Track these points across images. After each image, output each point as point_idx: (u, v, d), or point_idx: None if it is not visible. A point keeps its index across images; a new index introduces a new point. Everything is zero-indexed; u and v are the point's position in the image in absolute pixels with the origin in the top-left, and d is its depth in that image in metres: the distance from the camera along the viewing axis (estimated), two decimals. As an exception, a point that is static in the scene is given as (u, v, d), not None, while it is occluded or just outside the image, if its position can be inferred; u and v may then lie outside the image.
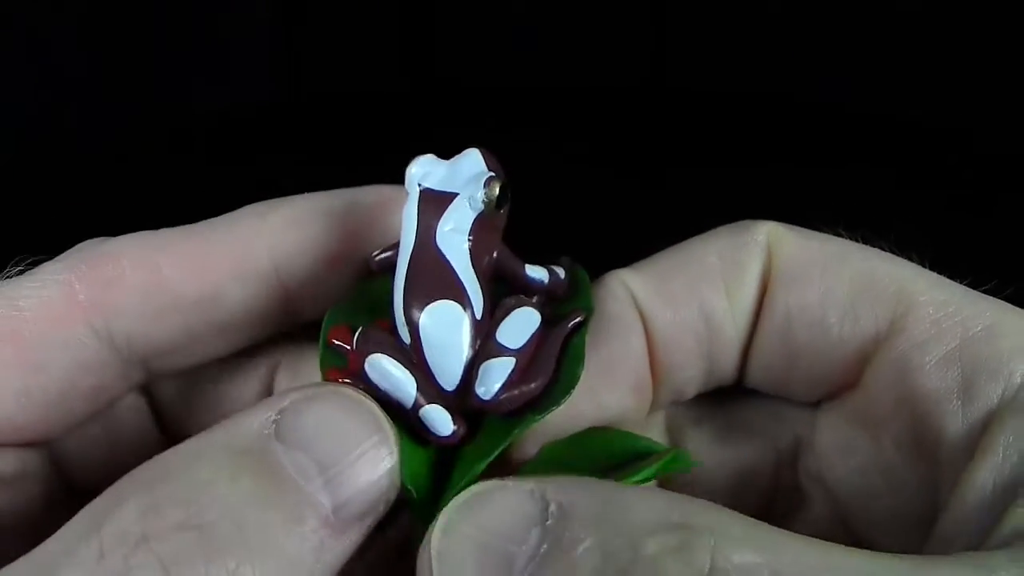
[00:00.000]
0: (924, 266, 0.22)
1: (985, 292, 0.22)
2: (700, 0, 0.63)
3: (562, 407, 0.20)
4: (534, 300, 0.22)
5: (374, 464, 0.18)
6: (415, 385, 0.20)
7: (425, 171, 0.21)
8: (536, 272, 0.22)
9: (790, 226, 0.23)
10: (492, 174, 0.21)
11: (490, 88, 0.63)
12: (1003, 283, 0.23)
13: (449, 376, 0.20)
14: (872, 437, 0.21)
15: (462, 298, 0.21)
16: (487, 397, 0.20)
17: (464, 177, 0.21)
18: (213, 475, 0.17)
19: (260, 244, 0.22)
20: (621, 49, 0.65)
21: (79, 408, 0.22)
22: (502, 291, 0.22)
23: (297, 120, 0.64)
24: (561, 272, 0.22)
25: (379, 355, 0.20)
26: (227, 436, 0.18)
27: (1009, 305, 0.21)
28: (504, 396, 0.20)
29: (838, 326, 0.21)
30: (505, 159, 0.23)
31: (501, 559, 0.16)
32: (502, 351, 0.20)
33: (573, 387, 0.20)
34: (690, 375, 0.23)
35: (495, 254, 0.22)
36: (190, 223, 0.25)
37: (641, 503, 0.16)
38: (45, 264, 0.22)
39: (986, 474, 0.18)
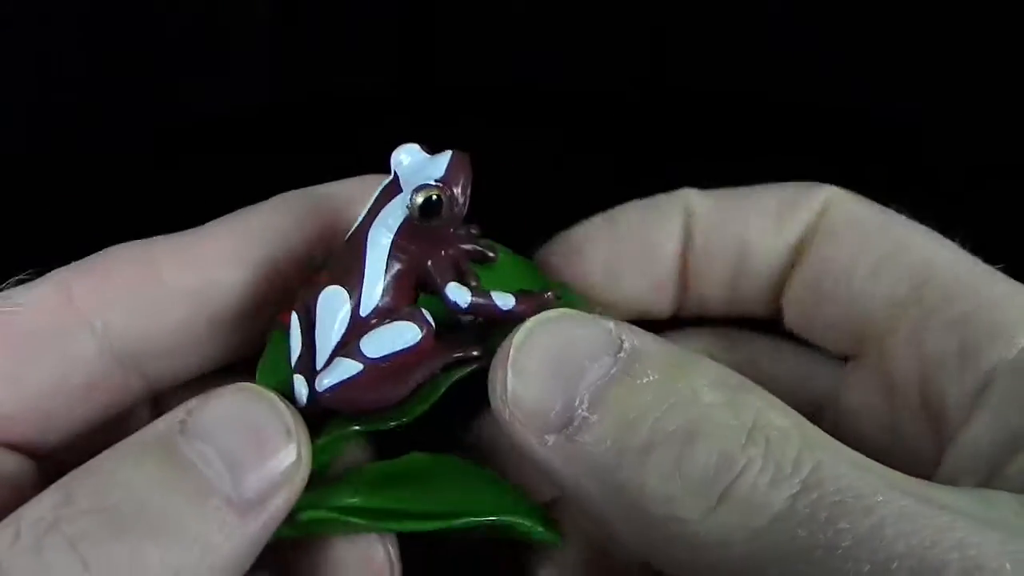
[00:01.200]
0: (963, 247, 0.23)
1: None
2: (700, 1, 0.63)
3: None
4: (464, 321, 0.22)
5: (275, 450, 0.19)
6: (298, 352, 0.21)
7: (406, 159, 0.22)
8: (457, 294, 0.21)
9: (851, 193, 0.24)
10: (429, 183, 0.20)
11: (490, 88, 0.63)
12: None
13: (320, 355, 0.21)
14: (887, 399, 0.22)
15: (354, 289, 0.21)
16: (318, 388, 0.21)
17: (420, 177, 0.21)
18: (119, 464, 0.19)
19: (252, 237, 0.23)
20: (621, 49, 0.65)
21: (73, 408, 0.23)
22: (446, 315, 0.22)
23: (297, 120, 0.64)
24: (504, 301, 0.21)
25: (295, 314, 0.22)
26: (139, 435, 0.19)
27: (1022, 284, 0.22)
28: (332, 395, 0.21)
29: (860, 283, 0.23)
30: (505, 159, 0.23)
31: (574, 369, 0.18)
32: (356, 355, 0.21)
33: (411, 417, 0.21)
34: (715, 293, 0.25)
35: (429, 262, 0.21)
36: (189, 222, 0.25)
37: (706, 363, 0.18)
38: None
39: (984, 427, 0.19)
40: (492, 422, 0.22)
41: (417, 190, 0.21)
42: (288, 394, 0.21)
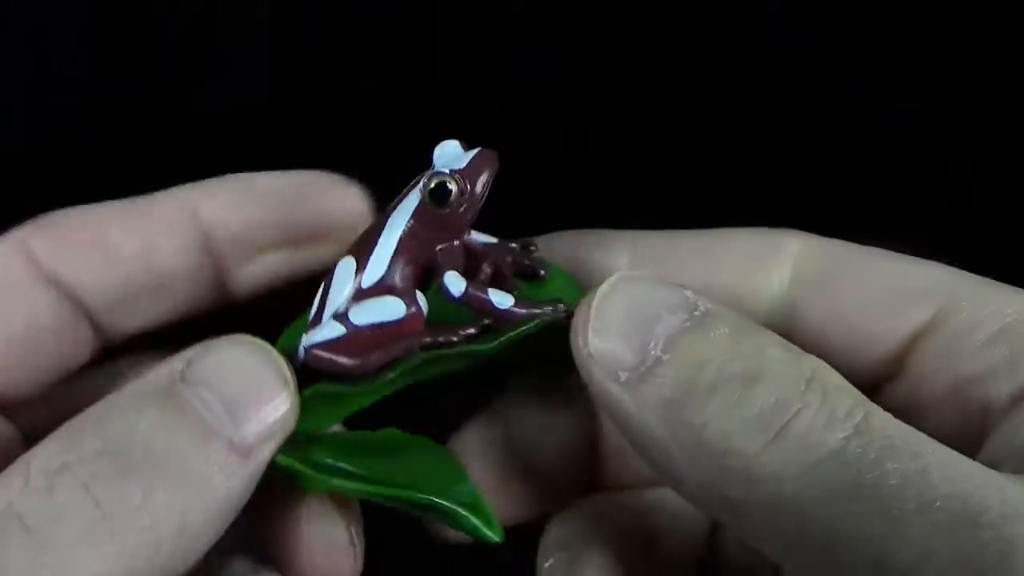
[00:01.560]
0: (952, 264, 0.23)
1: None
2: (700, 1, 0.63)
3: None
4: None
5: (272, 397, 0.20)
6: (312, 316, 0.23)
7: (442, 153, 0.23)
8: (452, 282, 0.22)
9: (815, 236, 0.24)
10: (443, 172, 0.21)
11: (490, 88, 0.63)
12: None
13: (325, 318, 0.22)
14: (920, 421, 0.22)
15: (363, 263, 0.22)
16: (303, 344, 0.22)
17: (441, 166, 0.22)
18: (124, 411, 0.19)
19: (194, 209, 0.24)
20: (621, 49, 0.65)
21: (36, 358, 0.23)
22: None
23: (297, 120, 0.64)
24: (501, 299, 0.22)
25: (330, 275, 0.23)
26: (138, 383, 0.20)
27: None
28: (313, 352, 0.22)
29: (875, 325, 0.23)
30: (505, 159, 0.23)
31: (650, 315, 0.19)
32: (343, 319, 0.22)
33: (376, 386, 0.22)
34: None
35: (437, 249, 0.22)
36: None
37: (773, 333, 0.20)
38: None
39: (1017, 425, 0.20)
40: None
41: (431, 176, 0.22)
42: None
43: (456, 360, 0.22)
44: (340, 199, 0.24)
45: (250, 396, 0.20)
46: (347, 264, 0.22)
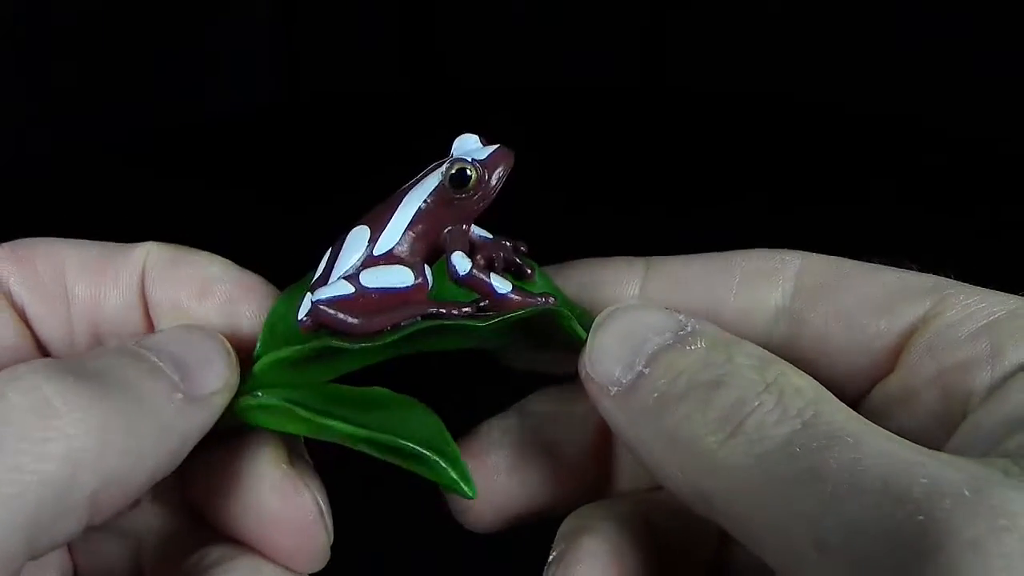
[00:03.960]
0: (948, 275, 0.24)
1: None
2: (700, 1, 0.63)
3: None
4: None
5: (215, 361, 0.23)
6: (317, 277, 0.24)
7: (461, 144, 0.24)
8: (459, 261, 0.24)
9: (815, 254, 0.25)
10: (466, 159, 0.23)
11: (489, 88, 0.63)
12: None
13: (333, 279, 0.24)
14: (907, 409, 0.24)
15: (376, 232, 0.24)
16: (311, 297, 0.23)
17: (465, 155, 0.24)
18: (82, 357, 0.22)
19: (139, 269, 0.25)
20: (621, 49, 0.65)
21: None
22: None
23: (296, 120, 0.64)
24: (501, 284, 0.23)
25: (342, 237, 0.24)
26: (97, 349, 0.23)
27: None
28: (320, 308, 0.23)
29: (874, 323, 0.24)
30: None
31: (638, 339, 0.22)
32: (353, 280, 0.23)
33: (375, 343, 0.23)
34: None
35: (446, 230, 0.24)
36: (189, 222, 0.25)
37: (750, 344, 0.22)
38: None
39: (988, 411, 0.21)
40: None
41: (453, 161, 0.23)
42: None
43: (451, 335, 0.24)
44: (257, 309, 0.25)
45: (195, 359, 0.22)
46: (360, 232, 0.24)
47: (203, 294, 0.24)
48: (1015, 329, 0.22)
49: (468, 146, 0.24)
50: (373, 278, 0.24)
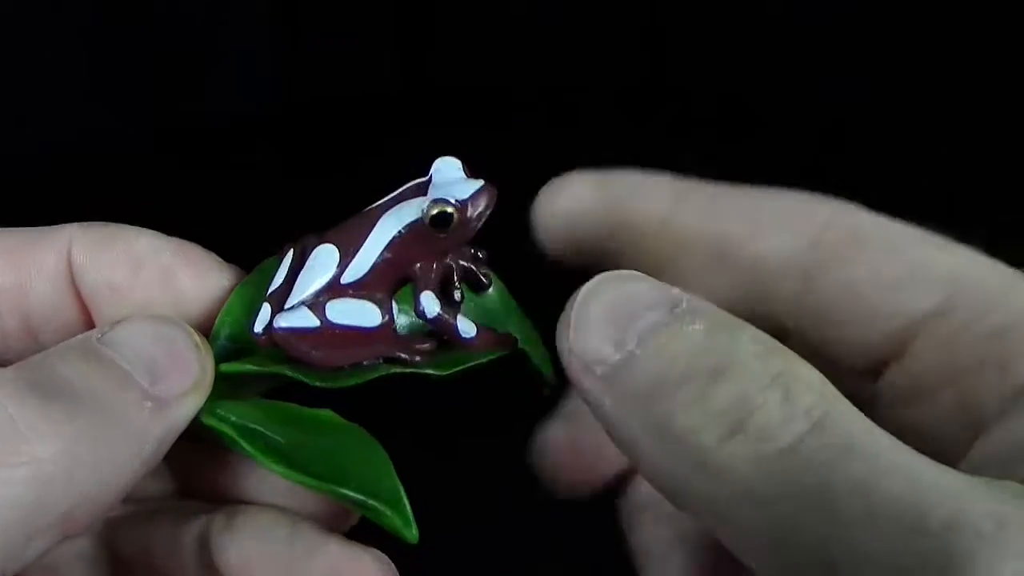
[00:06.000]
0: (979, 251, 0.23)
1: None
2: (699, 2, 0.63)
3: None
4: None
5: (185, 360, 0.21)
6: (277, 285, 0.23)
7: (443, 168, 0.23)
8: (427, 302, 0.23)
9: (849, 206, 0.24)
10: (449, 200, 0.22)
11: (489, 89, 0.63)
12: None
13: (292, 298, 0.23)
14: (920, 407, 0.22)
15: (347, 257, 0.23)
16: (274, 324, 0.22)
17: (447, 190, 0.23)
18: (43, 358, 0.20)
19: (65, 254, 0.23)
20: (621, 50, 0.65)
21: None
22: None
23: (296, 120, 0.64)
24: (466, 328, 0.23)
25: (292, 251, 0.24)
26: (55, 346, 0.21)
27: None
28: (283, 335, 0.22)
29: (884, 304, 0.23)
30: (504, 159, 0.23)
31: (630, 315, 0.20)
32: (318, 311, 0.22)
33: (335, 385, 0.22)
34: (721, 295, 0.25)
35: (416, 266, 0.23)
36: (189, 222, 0.25)
37: (752, 327, 0.20)
38: None
39: (1006, 431, 0.20)
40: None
41: (435, 202, 0.22)
42: (249, 314, 0.23)
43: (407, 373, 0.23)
44: (198, 277, 0.23)
45: (164, 357, 0.21)
46: (327, 252, 0.23)
47: (137, 269, 0.23)
48: None
49: (450, 173, 0.23)
50: (340, 313, 0.23)
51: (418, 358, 0.22)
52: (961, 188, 0.59)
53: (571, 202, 0.27)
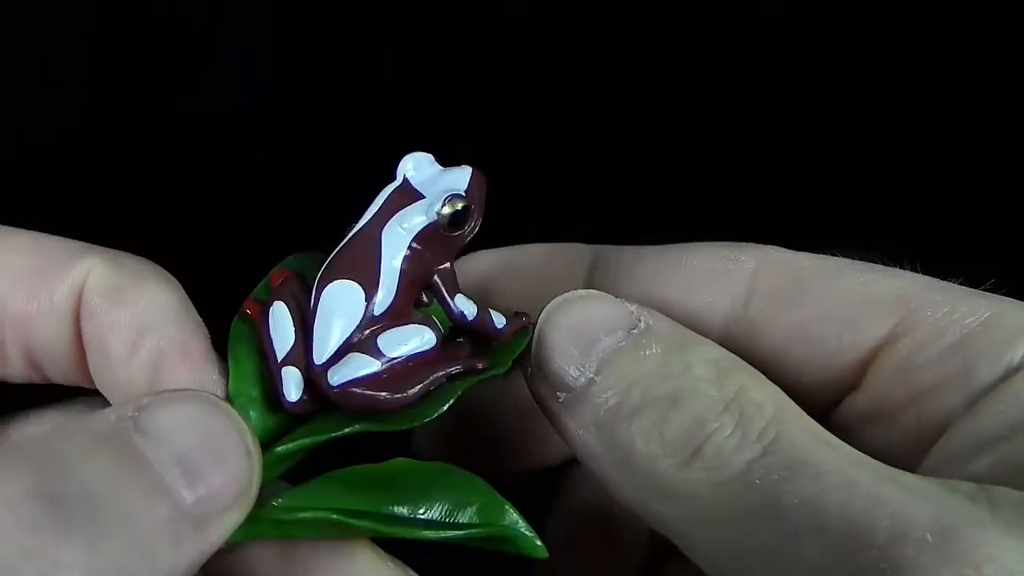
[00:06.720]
0: (917, 271, 0.23)
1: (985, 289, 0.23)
2: (699, 2, 0.63)
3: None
4: (458, 339, 0.22)
5: (232, 468, 0.19)
6: (291, 343, 0.21)
7: (415, 166, 0.22)
8: (465, 305, 0.22)
9: (774, 249, 0.24)
10: (460, 194, 0.21)
11: (489, 90, 0.63)
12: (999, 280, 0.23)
13: (321, 350, 0.21)
14: (882, 429, 0.22)
15: (371, 288, 0.21)
16: (333, 383, 0.20)
17: (441, 186, 0.21)
18: (70, 452, 0.18)
19: (77, 292, 0.22)
20: (621, 51, 0.65)
21: None
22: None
23: (296, 120, 0.64)
24: (499, 320, 0.22)
25: (283, 303, 0.22)
26: (88, 421, 0.19)
27: (1005, 298, 0.22)
28: (349, 391, 0.20)
29: (836, 339, 0.23)
30: (504, 160, 0.23)
31: (588, 339, 0.20)
32: (373, 351, 0.21)
33: (421, 421, 0.20)
34: None
35: (437, 270, 0.22)
36: (189, 222, 0.25)
37: (708, 345, 0.21)
38: None
39: (960, 433, 0.20)
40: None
41: (449, 199, 0.21)
42: (258, 390, 0.21)
43: (471, 384, 0.21)
44: (193, 372, 0.21)
45: (208, 463, 0.18)
46: (343, 289, 0.21)
47: (134, 347, 0.21)
48: (986, 345, 0.21)
49: (425, 169, 0.22)
50: (395, 346, 0.21)
51: (479, 365, 0.21)
52: (961, 188, 0.59)
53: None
